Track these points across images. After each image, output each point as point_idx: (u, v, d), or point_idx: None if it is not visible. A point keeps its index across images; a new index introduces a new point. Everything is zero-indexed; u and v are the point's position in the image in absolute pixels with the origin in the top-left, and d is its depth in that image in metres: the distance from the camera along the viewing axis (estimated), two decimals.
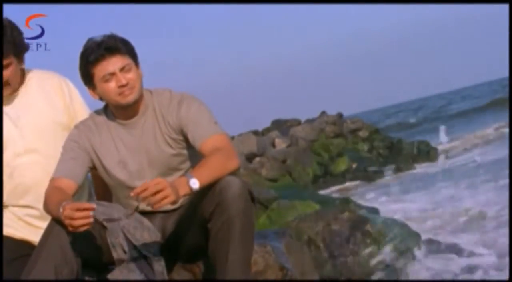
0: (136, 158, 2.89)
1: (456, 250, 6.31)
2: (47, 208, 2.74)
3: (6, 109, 3.09)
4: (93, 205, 2.54)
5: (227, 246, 2.64)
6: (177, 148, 2.88)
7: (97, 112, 2.98)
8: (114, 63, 2.78)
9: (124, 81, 2.78)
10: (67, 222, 2.51)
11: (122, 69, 2.79)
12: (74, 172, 2.85)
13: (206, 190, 2.68)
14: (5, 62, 2.99)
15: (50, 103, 3.14)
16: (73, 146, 2.91)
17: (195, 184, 2.56)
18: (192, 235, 2.82)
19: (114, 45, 2.79)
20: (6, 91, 3.07)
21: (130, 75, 2.80)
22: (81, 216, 2.49)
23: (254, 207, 2.76)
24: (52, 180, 2.84)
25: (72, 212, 2.49)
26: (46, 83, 3.17)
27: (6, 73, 3.01)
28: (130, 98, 2.81)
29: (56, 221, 2.65)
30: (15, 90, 3.10)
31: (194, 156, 2.87)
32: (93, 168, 2.95)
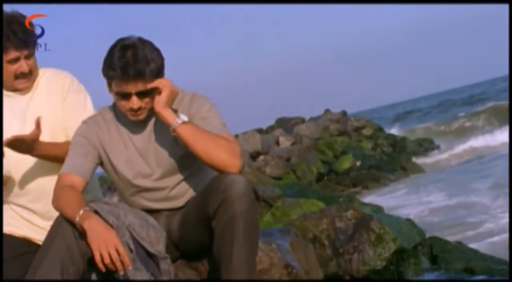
0: (144, 157, 2.89)
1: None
2: (57, 205, 2.74)
3: (14, 107, 3.09)
4: (129, 266, 2.59)
5: (231, 244, 2.63)
6: (185, 147, 2.88)
7: (107, 108, 2.98)
8: (132, 87, 2.73)
9: (136, 106, 2.76)
10: (106, 255, 2.55)
11: (140, 93, 2.74)
12: (83, 168, 2.85)
13: (211, 188, 2.69)
14: (28, 52, 3.02)
15: (53, 105, 3.13)
16: (82, 141, 2.90)
17: (181, 119, 2.72)
18: (197, 233, 2.82)
19: (139, 70, 2.70)
20: (26, 83, 3.07)
21: (148, 99, 2.77)
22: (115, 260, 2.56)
23: (259, 205, 2.75)
24: (61, 176, 2.83)
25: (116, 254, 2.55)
26: (53, 84, 3.16)
27: (29, 63, 3.04)
28: (139, 118, 2.82)
29: (63, 220, 2.66)
30: (28, 86, 3.10)
31: None
32: (100, 164, 2.95)
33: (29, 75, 3.07)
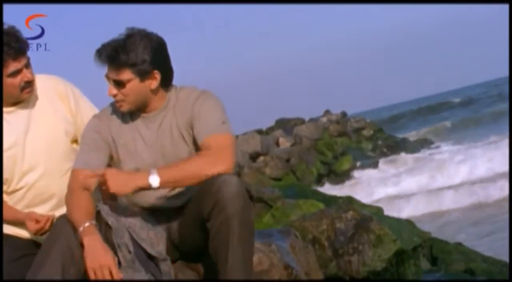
0: (151, 152, 2.87)
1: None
2: (68, 204, 2.74)
3: (17, 121, 3.04)
4: None
5: (226, 246, 2.62)
6: (191, 144, 2.85)
7: None
8: (110, 73, 2.77)
9: (111, 93, 2.78)
10: None
11: (114, 81, 2.76)
12: (96, 164, 2.81)
13: (204, 189, 2.66)
14: (26, 60, 2.95)
15: (58, 114, 3.10)
16: (94, 136, 2.87)
17: (154, 179, 2.60)
18: (194, 234, 2.81)
19: (109, 56, 2.73)
20: (31, 92, 3.02)
21: (124, 90, 2.77)
22: None
23: (253, 205, 2.74)
24: (75, 172, 2.81)
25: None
26: (48, 89, 3.12)
27: (30, 70, 2.98)
28: (122, 109, 2.82)
29: (66, 220, 2.67)
30: (32, 93, 3.05)
31: None
32: (110, 159, 2.91)
33: (33, 82, 3.02)
